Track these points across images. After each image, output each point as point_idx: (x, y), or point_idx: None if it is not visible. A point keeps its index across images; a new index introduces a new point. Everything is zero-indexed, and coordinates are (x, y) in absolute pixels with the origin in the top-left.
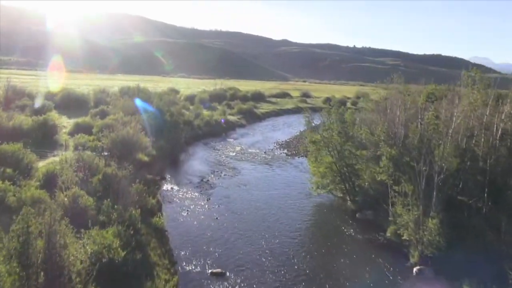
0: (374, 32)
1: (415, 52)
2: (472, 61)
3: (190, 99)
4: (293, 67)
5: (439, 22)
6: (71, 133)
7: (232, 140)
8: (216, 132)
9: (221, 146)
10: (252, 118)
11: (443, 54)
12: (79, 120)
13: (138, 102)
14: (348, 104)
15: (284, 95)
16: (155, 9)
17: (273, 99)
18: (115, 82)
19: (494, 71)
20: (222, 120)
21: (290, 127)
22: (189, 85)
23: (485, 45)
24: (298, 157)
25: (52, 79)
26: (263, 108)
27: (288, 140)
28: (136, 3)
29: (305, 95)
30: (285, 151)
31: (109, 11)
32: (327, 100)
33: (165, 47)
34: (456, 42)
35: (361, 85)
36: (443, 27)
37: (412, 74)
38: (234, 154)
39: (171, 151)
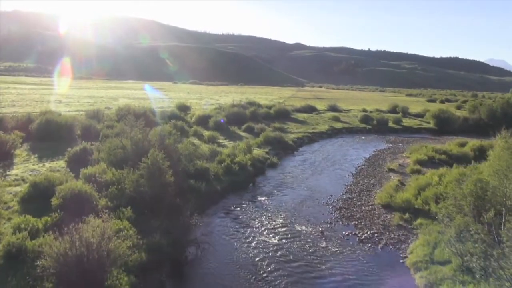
0: (387, 35)
1: (431, 55)
2: (489, 63)
3: (203, 121)
4: (307, 71)
5: (453, 24)
6: (25, 200)
7: (265, 198)
8: (241, 182)
9: (250, 215)
10: (282, 149)
11: (460, 57)
12: (39, 178)
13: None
14: (390, 123)
15: (311, 109)
16: (168, 13)
17: (300, 116)
18: (122, 92)
19: None
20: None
21: (335, 165)
22: (202, 94)
23: (500, 47)
24: (380, 245)
25: (54, 89)
26: (292, 130)
27: (345, 197)
28: (149, 8)
29: (333, 108)
30: (352, 227)
31: (122, 15)
32: (365, 119)
33: (177, 51)
34: (471, 44)
35: (380, 90)
36: (458, 30)
37: (431, 78)
38: (273, 239)
39: (172, 250)
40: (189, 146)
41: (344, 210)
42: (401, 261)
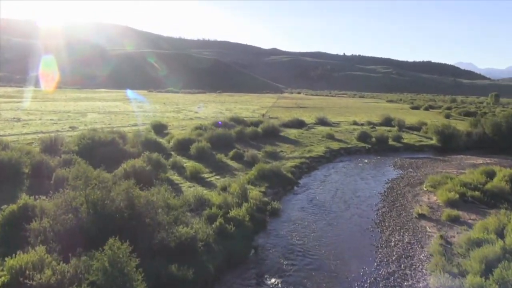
0: (361, 40)
1: (404, 59)
2: (459, 67)
3: (184, 147)
4: (284, 76)
5: (424, 28)
6: None
7: (275, 280)
8: (239, 252)
9: None
10: (282, 185)
11: (432, 61)
12: None
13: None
14: (390, 140)
15: (299, 124)
16: (142, 19)
17: (290, 133)
18: (93, 105)
19: (483, 77)
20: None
21: (350, 207)
22: (179, 105)
23: (468, 51)
24: None
25: (17, 103)
26: (286, 155)
27: (383, 272)
28: (123, 13)
29: (322, 121)
30: None
31: (94, 21)
32: (363, 136)
33: (153, 57)
34: (441, 48)
35: (360, 96)
36: (428, 34)
37: (405, 82)
38: None
39: None
40: (168, 196)
41: None
42: None
